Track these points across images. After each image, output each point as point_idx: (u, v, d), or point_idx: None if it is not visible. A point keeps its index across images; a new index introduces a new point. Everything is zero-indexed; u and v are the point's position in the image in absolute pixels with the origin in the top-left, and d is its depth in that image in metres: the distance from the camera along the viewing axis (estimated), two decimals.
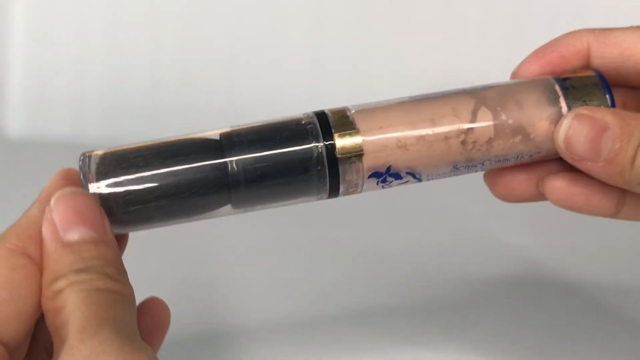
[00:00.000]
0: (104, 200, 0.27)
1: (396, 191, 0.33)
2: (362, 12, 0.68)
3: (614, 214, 0.32)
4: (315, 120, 0.30)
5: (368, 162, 0.29)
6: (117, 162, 0.28)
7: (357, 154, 0.29)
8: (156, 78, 0.69)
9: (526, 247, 0.49)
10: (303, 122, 0.29)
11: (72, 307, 0.24)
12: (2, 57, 0.69)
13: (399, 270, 0.47)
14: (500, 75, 0.40)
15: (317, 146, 0.29)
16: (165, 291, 0.42)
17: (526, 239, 0.50)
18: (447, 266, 0.47)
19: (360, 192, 0.30)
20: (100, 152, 0.28)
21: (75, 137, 0.68)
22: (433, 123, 0.30)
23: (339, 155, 0.29)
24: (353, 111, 0.30)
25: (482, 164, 0.31)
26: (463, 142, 0.30)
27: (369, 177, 0.29)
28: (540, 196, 0.32)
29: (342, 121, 0.30)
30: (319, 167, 0.29)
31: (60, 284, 0.24)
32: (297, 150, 0.29)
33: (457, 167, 0.30)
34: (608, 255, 0.48)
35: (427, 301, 0.43)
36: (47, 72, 0.69)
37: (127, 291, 0.25)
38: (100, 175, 0.27)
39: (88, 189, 0.27)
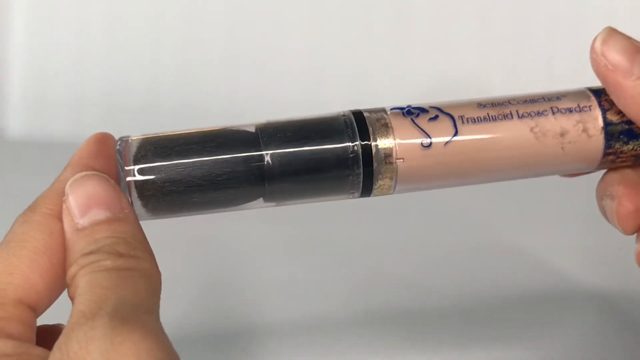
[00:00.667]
0: (139, 185, 0.27)
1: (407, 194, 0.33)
2: (362, 12, 0.68)
3: None
4: (352, 119, 0.30)
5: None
6: (155, 148, 0.28)
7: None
8: (156, 78, 0.69)
9: (534, 248, 0.49)
10: (340, 120, 0.30)
11: (79, 291, 0.23)
12: (2, 57, 0.69)
13: (409, 270, 0.47)
14: (500, 75, 0.40)
15: (353, 145, 0.29)
16: (182, 289, 0.42)
17: (534, 241, 0.50)
18: (458, 268, 0.47)
19: (393, 192, 0.30)
20: (138, 137, 0.28)
21: (75, 137, 0.68)
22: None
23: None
24: (389, 112, 0.30)
25: (509, 103, 0.30)
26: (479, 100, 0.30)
27: (392, 109, 0.30)
28: None
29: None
30: (353, 166, 0.29)
31: (73, 269, 0.24)
32: (333, 148, 0.29)
33: (482, 105, 0.30)
34: (615, 257, 0.48)
35: (435, 303, 0.43)
36: (47, 72, 0.69)
37: (142, 265, 0.24)
38: (138, 160, 0.28)
39: (125, 173, 0.27)
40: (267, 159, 0.28)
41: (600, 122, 0.30)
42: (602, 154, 0.31)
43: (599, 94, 0.31)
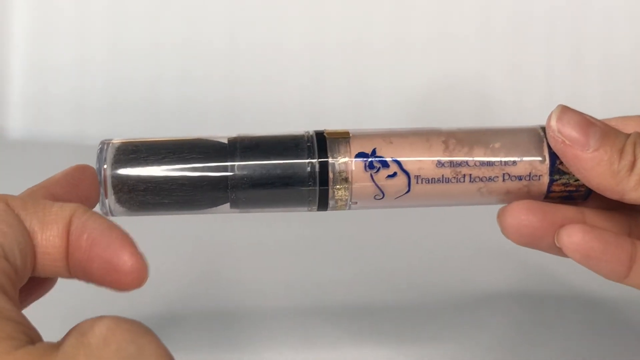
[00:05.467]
0: (115, 183, 0.30)
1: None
2: (362, 12, 0.68)
3: (627, 272, 0.31)
4: (314, 139, 0.32)
5: (355, 146, 0.32)
6: (131, 152, 0.31)
7: (343, 136, 0.32)
8: (157, 78, 0.69)
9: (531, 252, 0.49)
10: (302, 139, 0.32)
11: None
12: (3, 57, 0.69)
13: (406, 271, 0.47)
14: (500, 75, 0.40)
15: (311, 162, 0.31)
16: (176, 283, 0.43)
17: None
18: (456, 270, 0.47)
19: (348, 208, 0.32)
20: (118, 140, 0.32)
21: (76, 137, 0.68)
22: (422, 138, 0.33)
23: (326, 134, 0.32)
24: (351, 135, 0.32)
25: (467, 164, 0.32)
26: (444, 142, 0.32)
27: (356, 156, 0.32)
28: (552, 247, 0.32)
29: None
30: (310, 182, 0.31)
31: None
32: (292, 163, 0.31)
33: (441, 164, 0.32)
34: None
35: (433, 302, 0.43)
36: (47, 72, 0.69)
37: None
38: (115, 162, 0.31)
39: (103, 171, 0.31)
40: (233, 169, 0.31)
41: (544, 190, 0.33)
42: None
43: (554, 158, 0.32)
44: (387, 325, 0.41)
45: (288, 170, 0.31)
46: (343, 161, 0.32)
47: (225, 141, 0.32)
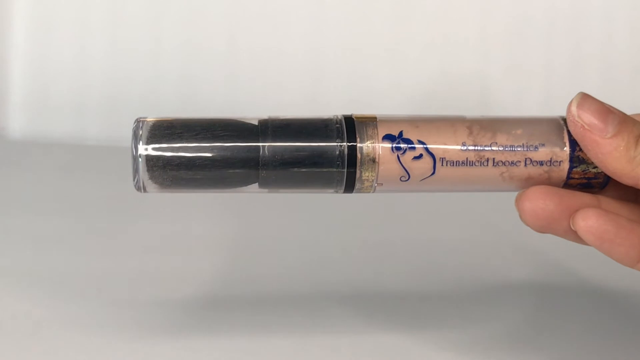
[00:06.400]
0: (149, 160, 0.31)
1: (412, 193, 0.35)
2: (362, 12, 0.68)
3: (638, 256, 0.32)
4: (343, 122, 0.33)
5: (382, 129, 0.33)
6: (165, 129, 0.32)
7: (371, 119, 0.33)
8: (157, 78, 0.69)
9: (547, 248, 0.50)
10: (331, 121, 0.33)
11: None
12: (3, 58, 0.69)
13: (416, 265, 0.47)
14: (500, 75, 0.41)
15: (340, 144, 0.32)
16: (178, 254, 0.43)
17: (546, 240, 0.51)
18: (467, 264, 0.47)
19: (373, 190, 0.33)
20: (153, 118, 0.33)
21: (76, 137, 0.68)
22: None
23: (354, 117, 0.33)
24: (378, 119, 0.33)
25: (491, 148, 0.33)
26: (469, 127, 0.33)
27: (383, 138, 0.33)
28: (567, 232, 0.33)
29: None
30: (338, 162, 0.32)
31: None
32: (322, 144, 0.32)
33: (466, 147, 0.33)
34: None
35: (444, 296, 0.44)
36: (48, 73, 0.69)
37: None
38: (150, 138, 0.32)
39: (137, 150, 0.31)
40: (263, 149, 0.32)
41: (564, 176, 0.34)
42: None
43: (574, 145, 0.33)
44: (399, 312, 0.41)
45: (317, 151, 0.32)
46: (371, 142, 0.33)
47: (255, 122, 0.32)
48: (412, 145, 0.33)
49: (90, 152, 0.67)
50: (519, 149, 0.33)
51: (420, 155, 0.33)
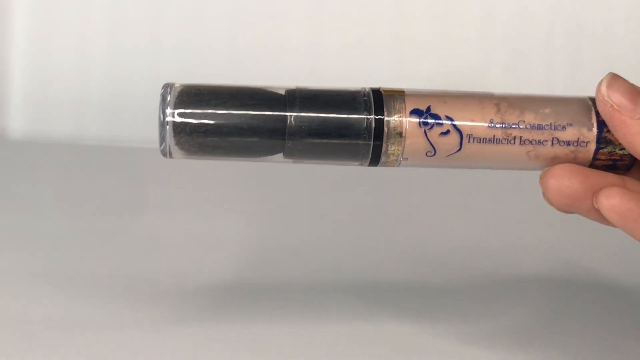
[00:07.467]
0: (176, 126, 0.31)
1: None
2: (362, 11, 0.68)
3: None
4: (371, 94, 0.33)
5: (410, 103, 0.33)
6: (193, 96, 0.32)
7: (399, 93, 0.33)
8: (157, 78, 0.69)
9: (558, 244, 0.50)
10: (359, 93, 0.33)
11: None
12: (3, 57, 0.69)
13: (435, 251, 0.48)
14: (500, 75, 0.41)
15: (367, 116, 0.32)
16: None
17: (558, 237, 0.51)
18: (477, 261, 0.47)
19: (398, 164, 0.33)
20: (181, 84, 0.33)
21: (77, 137, 0.68)
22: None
23: (382, 90, 0.33)
24: (406, 93, 0.33)
25: (518, 126, 0.33)
26: (496, 105, 0.33)
27: (411, 113, 0.32)
28: (590, 211, 0.33)
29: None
30: (365, 134, 0.32)
31: None
32: (349, 116, 0.32)
33: (493, 124, 0.33)
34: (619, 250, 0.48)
35: (450, 291, 0.44)
36: (48, 72, 0.69)
37: None
38: (178, 103, 0.32)
39: (165, 115, 0.31)
40: (290, 119, 0.32)
41: (590, 157, 0.34)
42: None
43: (602, 126, 0.33)
44: (409, 302, 0.41)
45: (345, 123, 0.32)
46: (398, 116, 0.32)
47: (283, 92, 0.33)
48: (440, 121, 0.33)
49: (90, 152, 0.67)
50: (546, 128, 0.33)
51: (448, 131, 0.33)
